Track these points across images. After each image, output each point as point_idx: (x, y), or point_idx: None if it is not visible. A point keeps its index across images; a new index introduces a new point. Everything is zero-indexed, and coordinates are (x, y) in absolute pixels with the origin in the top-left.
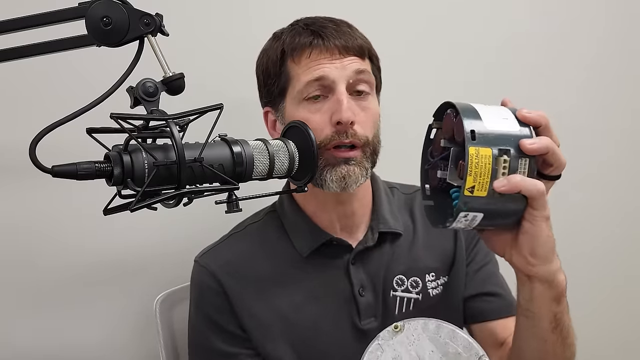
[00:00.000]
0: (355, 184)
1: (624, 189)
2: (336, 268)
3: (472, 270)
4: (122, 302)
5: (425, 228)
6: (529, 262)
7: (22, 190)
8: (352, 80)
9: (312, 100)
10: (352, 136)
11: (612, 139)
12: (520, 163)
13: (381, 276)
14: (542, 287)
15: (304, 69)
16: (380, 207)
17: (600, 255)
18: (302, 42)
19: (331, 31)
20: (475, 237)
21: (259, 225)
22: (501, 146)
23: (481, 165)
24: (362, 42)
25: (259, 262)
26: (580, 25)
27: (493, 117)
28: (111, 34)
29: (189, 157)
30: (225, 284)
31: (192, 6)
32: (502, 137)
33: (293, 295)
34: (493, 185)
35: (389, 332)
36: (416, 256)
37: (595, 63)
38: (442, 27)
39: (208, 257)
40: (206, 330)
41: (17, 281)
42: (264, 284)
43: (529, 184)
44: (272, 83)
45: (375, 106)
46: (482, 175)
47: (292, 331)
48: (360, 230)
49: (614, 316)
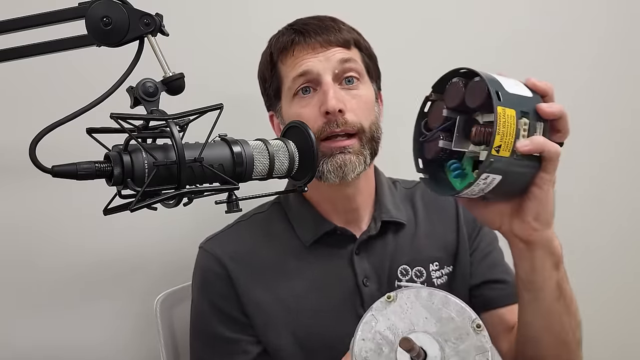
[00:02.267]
0: (353, 172)
1: (625, 189)
2: (340, 258)
3: (477, 259)
4: (122, 302)
5: (427, 219)
6: (532, 227)
7: (22, 190)
8: (337, 70)
9: (302, 95)
10: (343, 125)
11: (613, 139)
12: (537, 126)
13: (386, 266)
14: (542, 254)
15: (290, 67)
16: (383, 198)
17: (602, 254)
18: (285, 41)
19: (313, 27)
20: (477, 225)
21: (265, 215)
22: (522, 108)
23: (507, 125)
24: (346, 33)
25: (263, 250)
26: (581, 25)
27: (509, 83)
28: (111, 34)
29: (189, 157)
30: (230, 269)
31: (192, 6)
32: (522, 100)
33: (296, 285)
34: (516, 145)
35: (382, 302)
36: (419, 246)
37: (596, 63)
38: (443, 27)
39: (213, 243)
40: (209, 315)
41: (17, 281)
42: (267, 273)
43: (551, 146)
44: (268, 86)
45: (367, 93)
46: (508, 135)
47: (294, 320)
48: (364, 222)
49: (616, 316)
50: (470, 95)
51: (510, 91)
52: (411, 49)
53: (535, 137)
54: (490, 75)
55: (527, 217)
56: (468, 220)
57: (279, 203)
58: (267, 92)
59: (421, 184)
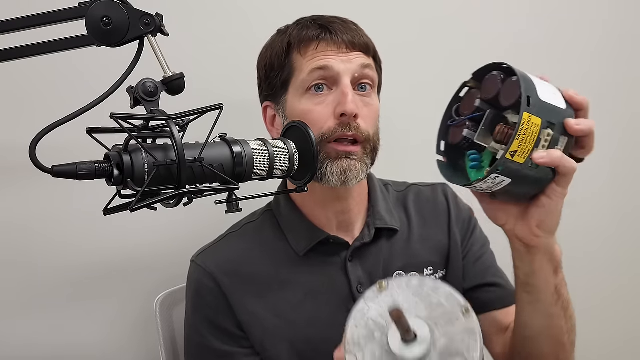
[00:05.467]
0: (356, 178)
1: (625, 189)
2: (333, 266)
3: (470, 263)
4: (122, 302)
5: (420, 223)
6: (534, 233)
7: (22, 190)
8: (357, 74)
9: (315, 92)
10: (355, 129)
11: (614, 139)
12: (560, 140)
13: (379, 272)
14: (541, 258)
15: (310, 59)
16: (376, 204)
17: (603, 254)
18: (310, 34)
19: (339, 26)
20: (469, 229)
21: (256, 224)
22: (549, 119)
23: (529, 133)
24: (368, 40)
25: (256, 261)
26: (581, 25)
27: (545, 89)
28: (111, 34)
29: (189, 157)
30: (222, 284)
31: (192, 6)
32: (552, 111)
33: (291, 294)
34: (533, 155)
35: (374, 291)
36: (413, 251)
37: (597, 63)
38: (444, 30)
39: (205, 257)
40: (203, 330)
41: (17, 281)
42: (261, 283)
43: (567, 162)
44: (275, 75)
45: (376, 103)
46: (527, 143)
47: (290, 330)
48: (357, 228)
49: (617, 315)
50: (505, 92)
51: (543, 99)
52: (413, 50)
53: (553, 151)
54: (528, 78)
55: (531, 222)
56: (460, 223)
57: (270, 211)
58: (272, 82)
59: (413, 186)
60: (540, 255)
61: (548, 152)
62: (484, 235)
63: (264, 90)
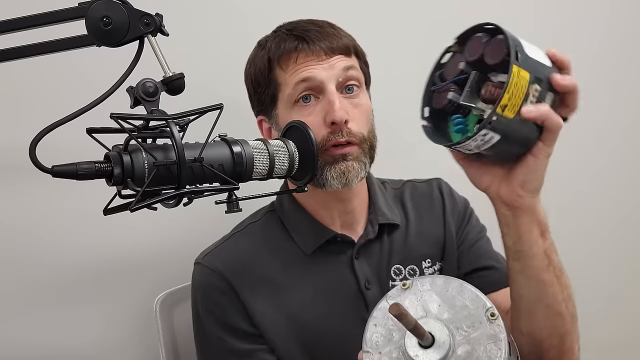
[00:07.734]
0: (356, 178)
1: (625, 189)
2: (340, 264)
3: (465, 249)
4: (122, 301)
5: (416, 217)
6: (517, 193)
7: (22, 190)
8: (341, 79)
9: (303, 103)
10: (347, 134)
11: (614, 139)
12: (547, 96)
13: (384, 268)
14: (527, 221)
15: (291, 73)
16: (377, 201)
17: (605, 253)
18: (288, 47)
19: (315, 34)
20: (465, 218)
21: (260, 224)
22: (537, 74)
23: (518, 87)
24: (347, 40)
25: (264, 260)
26: (581, 25)
27: (531, 48)
28: (111, 34)
29: (189, 157)
30: (232, 282)
31: (192, 6)
32: (539, 66)
33: (299, 294)
34: (521, 109)
35: (398, 290)
36: (411, 245)
37: (597, 64)
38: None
39: (212, 257)
40: (218, 333)
41: (17, 280)
42: (270, 283)
43: (554, 117)
44: (262, 91)
45: (366, 102)
46: (516, 97)
47: (300, 330)
48: (360, 226)
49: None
50: (491, 51)
51: (530, 55)
52: (408, 49)
53: (541, 106)
54: (514, 36)
55: (514, 182)
56: (455, 214)
57: (273, 211)
58: (261, 97)
59: (408, 183)
60: (525, 218)
61: (536, 107)
62: (480, 223)
63: (256, 105)
